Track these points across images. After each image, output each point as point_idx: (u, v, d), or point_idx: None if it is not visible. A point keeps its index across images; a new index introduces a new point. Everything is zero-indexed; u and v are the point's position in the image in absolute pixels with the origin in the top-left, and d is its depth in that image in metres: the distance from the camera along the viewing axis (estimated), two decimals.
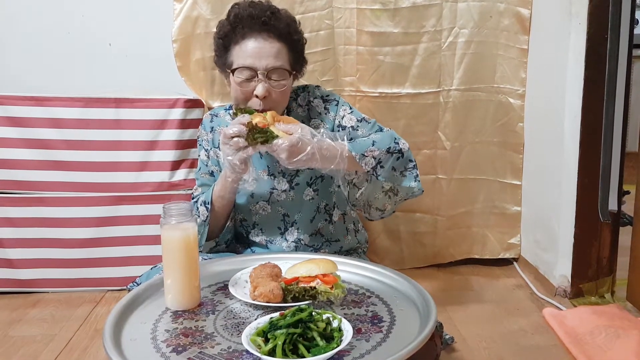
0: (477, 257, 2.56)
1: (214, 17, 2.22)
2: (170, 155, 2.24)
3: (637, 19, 2.65)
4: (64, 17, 2.42)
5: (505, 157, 2.47)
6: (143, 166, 2.25)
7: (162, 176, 2.25)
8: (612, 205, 2.10)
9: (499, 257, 2.55)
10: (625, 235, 2.19)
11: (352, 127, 1.69)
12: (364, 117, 1.72)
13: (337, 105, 1.73)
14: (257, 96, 1.56)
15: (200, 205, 1.64)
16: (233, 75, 1.58)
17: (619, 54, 2.01)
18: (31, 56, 2.44)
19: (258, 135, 1.41)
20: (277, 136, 1.42)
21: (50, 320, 2.09)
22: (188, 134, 2.25)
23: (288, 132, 1.43)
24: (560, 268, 2.21)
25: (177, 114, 2.22)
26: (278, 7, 1.65)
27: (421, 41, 2.32)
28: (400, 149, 1.58)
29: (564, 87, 2.12)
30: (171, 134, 2.23)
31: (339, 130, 1.69)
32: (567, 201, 2.15)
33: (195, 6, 2.22)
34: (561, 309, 2.09)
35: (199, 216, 1.63)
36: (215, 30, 1.68)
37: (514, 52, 2.36)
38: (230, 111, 1.74)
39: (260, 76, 1.55)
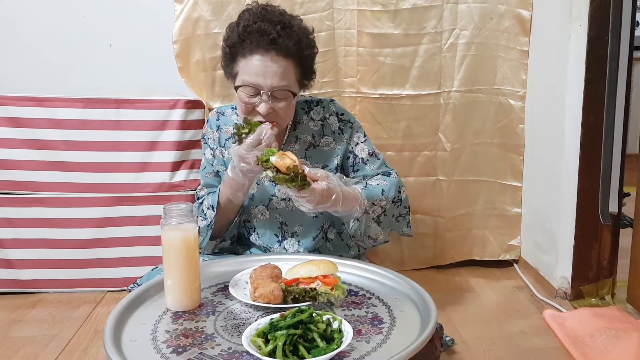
0: (477, 258, 2.56)
1: (215, 19, 2.23)
2: (170, 156, 2.24)
3: (638, 21, 2.65)
4: (64, 18, 2.42)
5: (505, 158, 2.47)
6: (143, 167, 2.25)
7: (163, 177, 2.25)
8: (613, 207, 2.09)
9: (499, 258, 2.55)
10: (625, 237, 2.18)
11: (362, 159, 1.71)
12: (374, 151, 1.73)
13: (351, 128, 1.72)
14: (259, 113, 1.54)
15: (208, 208, 1.63)
16: (237, 91, 1.57)
17: (619, 55, 2.01)
18: (32, 57, 2.44)
19: (302, 183, 1.37)
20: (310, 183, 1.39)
21: (51, 321, 2.09)
22: (188, 134, 2.25)
23: (313, 177, 1.42)
24: (560, 270, 2.21)
25: (177, 114, 2.22)
26: (292, 19, 1.59)
27: (422, 43, 2.32)
28: (401, 197, 1.65)
29: (565, 89, 2.12)
30: (172, 135, 2.23)
31: (349, 157, 1.72)
32: (568, 203, 2.15)
33: (196, 7, 2.22)
34: (561, 311, 2.08)
35: (205, 218, 1.63)
36: (224, 33, 1.63)
37: (514, 53, 2.36)
38: (236, 117, 1.71)
39: (264, 96, 1.52)
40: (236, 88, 1.56)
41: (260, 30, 1.52)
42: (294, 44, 1.54)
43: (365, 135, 1.74)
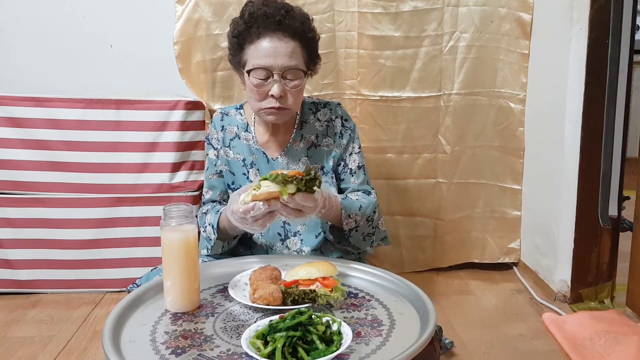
0: (476, 261, 2.56)
1: (216, 20, 2.23)
2: (170, 157, 2.24)
3: (638, 25, 2.65)
4: (65, 18, 2.42)
5: (505, 161, 2.47)
6: (143, 168, 2.24)
7: (162, 178, 2.25)
8: (612, 211, 2.09)
9: (499, 261, 2.55)
10: (625, 240, 2.19)
11: (350, 169, 1.73)
12: (363, 165, 1.75)
13: (350, 136, 1.73)
14: (272, 96, 1.56)
15: (209, 224, 1.63)
16: (249, 76, 1.58)
17: (619, 59, 2.01)
18: (32, 57, 2.44)
19: (319, 183, 1.36)
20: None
21: (49, 322, 2.09)
22: (188, 136, 2.25)
23: None
24: (560, 273, 2.21)
25: (177, 115, 2.22)
26: (292, 5, 1.63)
27: (422, 45, 2.32)
28: (374, 217, 1.66)
29: (565, 92, 2.12)
30: (171, 136, 2.23)
31: (340, 164, 1.73)
32: (567, 206, 2.15)
33: (197, 8, 2.22)
34: (561, 314, 2.08)
35: (205, 231, 1.64)
36: (227, 30, 1.67)
37: (514, 56, 2.36)
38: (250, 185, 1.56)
39: (275, 76, 1.55)
40: (248, 73, 1.58)
41: (266, 14, 1.56)
42: (299, 25, 1.58)
43: (360, 147, 1.76)
